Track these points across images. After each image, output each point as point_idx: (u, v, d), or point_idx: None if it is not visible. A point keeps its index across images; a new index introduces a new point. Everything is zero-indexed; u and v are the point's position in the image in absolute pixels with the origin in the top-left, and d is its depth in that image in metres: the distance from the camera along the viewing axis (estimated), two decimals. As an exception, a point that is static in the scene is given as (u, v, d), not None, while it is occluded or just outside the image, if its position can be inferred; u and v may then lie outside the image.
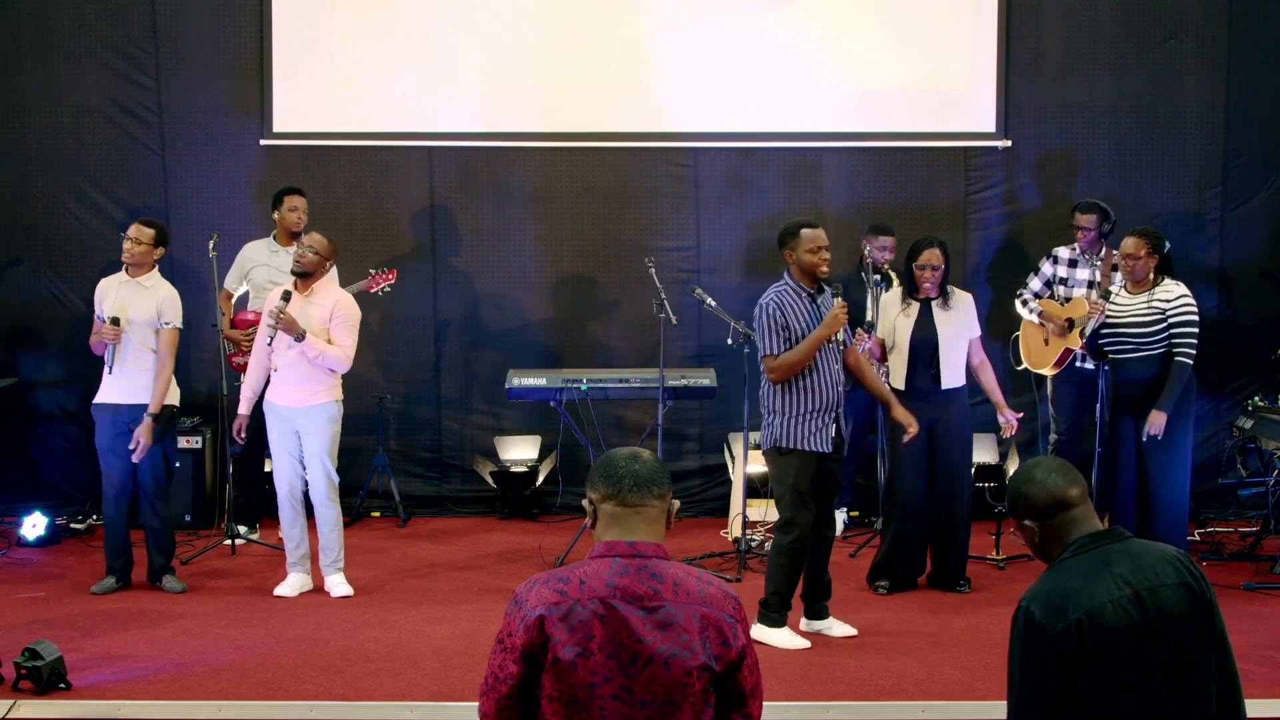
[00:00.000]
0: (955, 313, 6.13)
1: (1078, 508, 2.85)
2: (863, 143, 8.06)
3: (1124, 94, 7.99)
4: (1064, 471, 2.90)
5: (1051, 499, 2.85)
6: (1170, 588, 2.75)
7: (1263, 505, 6.86)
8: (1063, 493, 2.85)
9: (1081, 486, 2.89)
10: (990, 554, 6.61)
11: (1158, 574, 2.76)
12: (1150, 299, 6.08)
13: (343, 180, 8.05)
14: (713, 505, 7.88)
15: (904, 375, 6.11)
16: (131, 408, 6.11)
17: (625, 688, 2.59)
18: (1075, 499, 2.86)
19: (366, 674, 5.00)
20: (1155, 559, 2.80)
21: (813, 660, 5.17)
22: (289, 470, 6.10)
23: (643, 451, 2.79)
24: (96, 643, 5.36)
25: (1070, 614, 2.70)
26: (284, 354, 6.01)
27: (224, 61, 7.98)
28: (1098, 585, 2.73)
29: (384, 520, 7.81)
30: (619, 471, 2.71)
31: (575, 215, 8.11)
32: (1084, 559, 2.80)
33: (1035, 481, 2.88)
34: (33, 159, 7.99)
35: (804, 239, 5.41)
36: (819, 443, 5.38)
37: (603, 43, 7.98)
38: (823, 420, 5.40)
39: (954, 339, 6.10)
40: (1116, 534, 2.86)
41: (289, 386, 6.04)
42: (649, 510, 2.71)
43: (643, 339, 7.88)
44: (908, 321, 6.12)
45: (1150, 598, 2.73)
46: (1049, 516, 2.85)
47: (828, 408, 5.41)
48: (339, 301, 6.10)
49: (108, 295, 6.21)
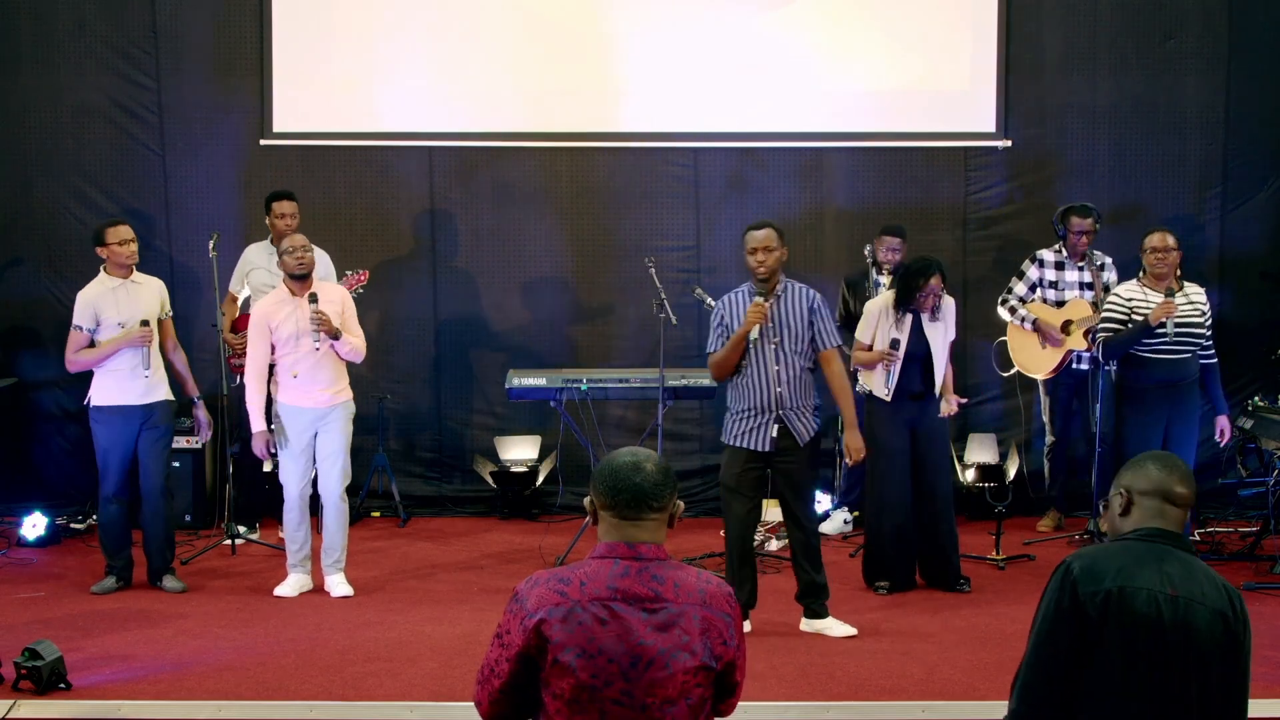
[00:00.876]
0: (943, 322, 6.16)
1: (1173, 507, 2.89)
2: (863, 143, 8.06)
3: (1124, 94, 7.99)
4: (1187, 477, 2.93)
5: (1163, 484, 2.89)
6: (1208, 609, 2.76)
7: (1263, 505, 6.86)
8: (1172, 486, 2.89)
9: (1191, 493, 2.91)
10: (990, 554, 6.61)
11: (1204, 592, 2.78)
12: (1189, 299, 6.16)
13: (343, 180, 8.05)
14: (713, 505, 7.84)
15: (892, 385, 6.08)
16: (148, 407, 6.14)
17: (626, 690, 2.59)
18: (1178, 499, 2.89)
19: (366, 674, 5.00)
20: (1207, 579, 2.82)
21: (813, 660, 5.17)
22: (302, 472, 6.10)
23: (646, 460, 2.75)
24: (96, 643, 5.36)
25: (1105, 582, 2.75)
26: (309, 357, 6.01)
27: (224, 61, 7.97)
28: (1144, 571, 2.77)
29: (384, 520, 7.81)
30: (619, 484, 2.70)
31: (575, 215, 8.11)
32: (1144, 546, 2.84)
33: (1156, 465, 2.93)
34: (33, 159, 7.99)
35: (745, 242, 5.51)
36: (754, 441, 5.47)
37: (603, 43, 7.98)
38: (759, 419, 5.46)
39: (942, 347, 6.15)
40: (1185, 543, 2.89)
41: (315, 388, 6.03)
42: (648, 522, 2.72)
43: (643, 339, 7.88)
44: (903, 332, 6.09)
45: (1185, 607, 2.75)
46: (1148, 495, 2.89)
47: (764, 408, 5.45)
48: (344, 295, 6.25)
49: (104, 303, 6.09)
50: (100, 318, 6.08)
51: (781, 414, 5.46)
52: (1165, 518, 2.88)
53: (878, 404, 6.14)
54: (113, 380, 6.11)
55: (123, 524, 6.22)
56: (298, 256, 6.00)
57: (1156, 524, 2.88)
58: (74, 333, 6.09)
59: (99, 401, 6.15)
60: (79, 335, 6.08)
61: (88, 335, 6.08)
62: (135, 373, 6.08)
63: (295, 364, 6.01)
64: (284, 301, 6.05)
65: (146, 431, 6.15)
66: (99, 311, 6.08)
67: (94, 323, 6.08)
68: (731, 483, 5.53)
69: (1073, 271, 7.10)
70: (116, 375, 6.10)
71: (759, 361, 5.47)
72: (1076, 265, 7.09)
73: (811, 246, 8.04)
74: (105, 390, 6.13)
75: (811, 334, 5.51)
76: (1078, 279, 7.09)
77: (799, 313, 5.50)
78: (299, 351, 6.00)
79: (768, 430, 5.46)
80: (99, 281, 6.17)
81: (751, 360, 5.47)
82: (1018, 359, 7.16)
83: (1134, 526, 2.90)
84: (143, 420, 6.13)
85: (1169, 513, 2.89)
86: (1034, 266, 7.17)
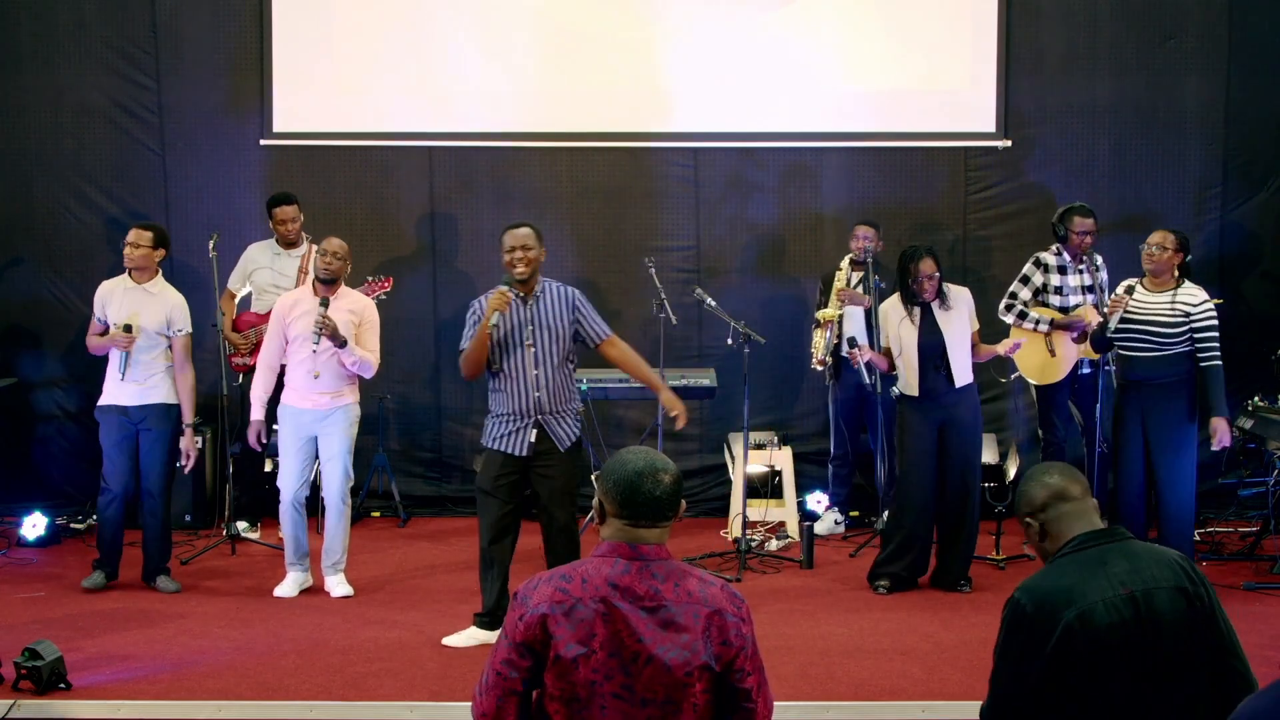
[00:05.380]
0: (956, 311, 6.13)
1: (1076, 502, 2.88)
2: (863, 143, 8.06)
3: (1124, 94, 7.99)
4: (1065, 471, 2.95)
5: (1050, 493, 2.89)
6: (1166, 591, 2.75)
7: (1263, 505, 6.87)
8: (1061, 487, 2.89)
9: (1083, 485, 2.92)
10: (990, 554, 6.61)
11: (1154, 576, 2.76)
12: (1174, 300, 6.12)
13: (343, 180, 8.05)
14: (713, 505, 7.88)
15: (916, 381, 6.10)
16: (140, 409, 6.16)
17: (626, 686, 2.59)
18: (1074, 494, 2.89)
19: (366, 674, 5.00)
20: (1153, 561, 2.80)
21: (813, 660, 5.17)
22: (299, 473, 6.10)
23: (663, 470, 2.72)
24: (96, 643, 5.36)
25: (1062, 613, 2.71)
26: (311, 359, 6.00)
27: (224, 61, 7.98)
28: (1092, 583, 2.74)
29: (384, 520, 7.81)
30: (636, 496, 2.68)
31: (575, 215, 8.11)
32: (1081, 556, 2.81)
33: (1036, 479, 2.95)
34: (33, 159, 7.99)
35: (503, 242, 5.41)
36: (511, 445, 5.35)
37: (603, 43, 7.98)
38: (517, 424, 5.34)
39: (959, 337, 6.10)
40: (1116, 533, 2.87)
41: (315, 391, 6.04)
42: (658, 528, 2.72)
43: (643, 339, 7.87)
44: (912, 328, 6.11)
45: (1144, 599, 2.73)
46: (1047, 509, 2.89)
47: (522, 413, 5.33)
48: (366, 306, 6.19)
49: (112, 300, 6.19)
50: (105, 311, 6.22)
51: (540, 419, 5.35)
52: (1078, 517, 2.87)
53: (907, 404, 6.14)
54: (110, 381, 6.22)
55: (116, 521, 6.23)
56: (327, 261, 6.02)
57: (1077, 529, 2.86)
58: (94, 319, 6.29)
59: (100, 401, 6.26)
60: (93, 322, 6.29)
61: (100, 324, 6.24)
62: (116, 375, 6.16)
63: (301, 363, 6.02)
64: (302, 301, 6.08)
65: (144, 433, 6.19)
66: (105, 305, 6.23)
67: (102, 313, 6.23)
68: (487, 486, 5.40)
69: (1074, 274, 7.07)
70: (111, 376, 6.21)
71: (517, 365, 5.34)
72: (1077, 268, 7.06)
73: (811, 246, 8.04)
74: (105, 390, 6.24)
75: (577, 332, 5.41)
76: (1079, 282, 7.06)
77: (559, 314, 5.37)
78: (303, 352, 6.01)
79: (525, 435, 5.35)
80: (117, 279, 6.30)
81: (509, 364, 5.34)
82: (1024, 367, 7.09)
83: (1059, 541, 2.87)
84: (137, 421, 6.17)
85: (1076, 510, 2.87)
86: (1038, 270, 7.09)
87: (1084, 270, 7.03)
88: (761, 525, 7.10)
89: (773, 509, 7.25)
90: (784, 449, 7.46)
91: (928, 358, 6.07)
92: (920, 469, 6.09)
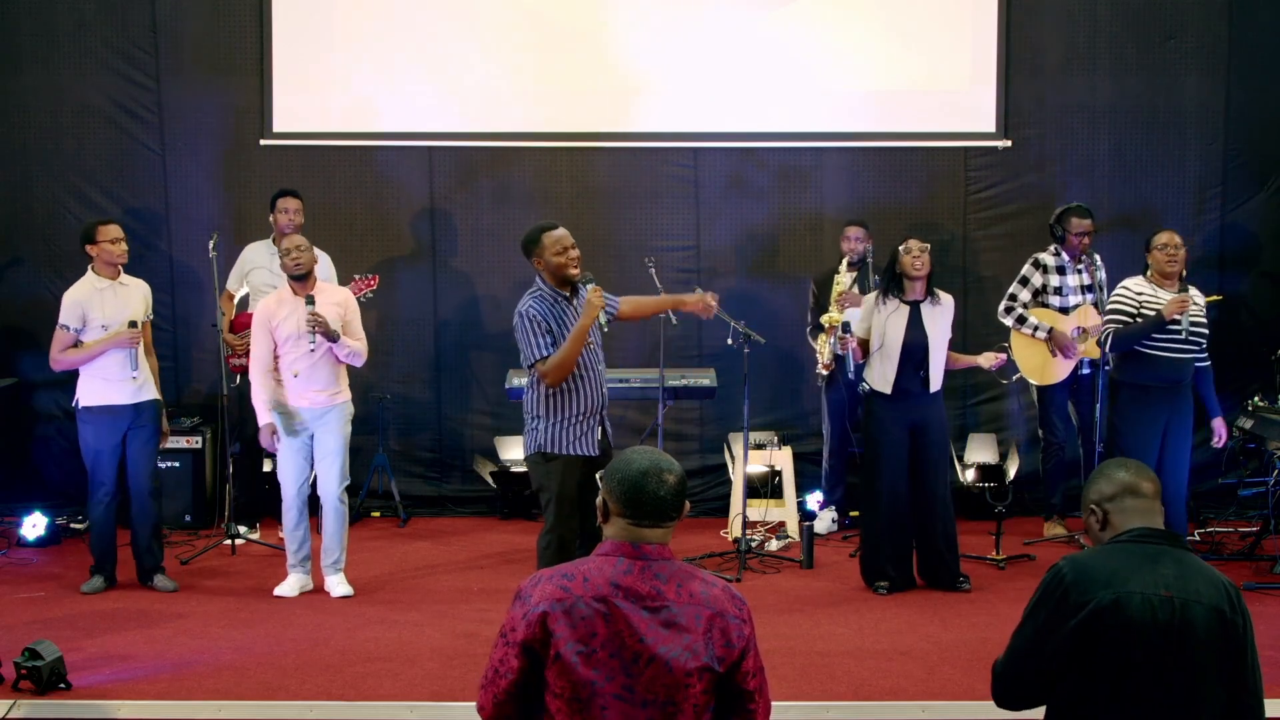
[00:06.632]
0: (941, 313, 6.13)
1: (1145, 500, 2.89)
2: (863, 143, 8.06)
3: (1124, 94, 7.99)
4: (1140, 469, 2.96)
5: (1122, 486, 2.90)
6: (1205, 607, 2.74)
7: (1263, 505, 6.86)
8: (1133, 482, 2.90)
9: (1155, 485, 2.93)
10: (990, 554, 6.61)
11: (1199, 590, 2.76)
12: (1194, 300, 6.19)
13: (343, 180, 8.05)
14: (713, 505, 7.87)
15: (891, 378, 6.06)
16: (135, 406, 6.16)
17: (627, 686, 2.59)
18: (1145, 492, 2.90)
19: (366, 674, 5.00)
20: (1202, 576, 2.80)
21: (813, 660, 5.17)
22: (299, 472, 6.10)
23: (668, 471, 2.72)
24: (96, 643, 5.36)
25: (1098, 591, 2.73)
26: (306, 358, 6.00)
27: (224, 61, 7.97)
28: (1137, 575, 2.75)
29: (384, 520, 7.81)
30: (641, 497, 2.68)
31: (575, 215, 8.08)
32: (1136, 548, 2.82)
33: (1109, 471, 2.95)
34: (33, 159, 7.99)
35: (547, 243, 5.23)
36: (585, 446, 5.22)
37: (602, 43, 7.98)
38: (589, 424, 5.26)
39: (941, 341, 6.10)
40: (1177, 539, 2.88)
41: (311, 389, 6.04)
42: (661, 528, 2.72)
43: (643, 339, 7.88)
44: (899, 322, 6.06)
45: (1182, 608, 2.73)
46: (1115, 500, 2.89)
47: (593, 410, 5.26)
48: (346, 296, 6.25)
49: (93, 304, 6.07)
50: (87, 318, 6.06)
51: (602, 414, 5.32)
52: (1142, 514, 2.87)
53: (878, 401, 6.13)
54: (101, 381, 6.10)
55: (112, 524, 6.22)
56: (294, 257, 6.00)
57: (1140, 523, 2.86)
58: (59, 332, 6.07)
59: (88, 402, 6.13)
60: (64, 335, 6.06)
61: (73, 335, 6.06)
62: (124, 374, 6.09)
63: (294, 364, 6.02)
64: (285, 301, 6.06)
65: (134, 431, 6.16)
66: (86, 312, 6.06)
67: (80, 323, 6.06)
68: (572, 494, 5.17)
69: (1073, 274, 7.07)
70: (105, 376, 6.10)
71: (590, 364, 5.22)
72: (1076, 268, 7.06)
73: (811, 246, 8.05)
74: (94, 391, 6.12)
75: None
76: (1079, 282, 7.06)
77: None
78: (297, 351, 6.01)
79: (594, 434, 5.24)
80: (86, 281, 6.14)
81: (584, 363, 5.19)
82: (1025, 367, 7.08)
83: (1117, 532, 2.88)
84: (131, 420, 6.15)
85: (1143, 507, 2.88)
86: (1038, 271, 7.08)
87: (1083, 270, 7.04)
88: (761, 525, 7.10)
89: (773, 509, 7.26)
90: (784, 449, 7.46)
91: (909, 356, 6.04)
92: (892, 465, 6.07)
